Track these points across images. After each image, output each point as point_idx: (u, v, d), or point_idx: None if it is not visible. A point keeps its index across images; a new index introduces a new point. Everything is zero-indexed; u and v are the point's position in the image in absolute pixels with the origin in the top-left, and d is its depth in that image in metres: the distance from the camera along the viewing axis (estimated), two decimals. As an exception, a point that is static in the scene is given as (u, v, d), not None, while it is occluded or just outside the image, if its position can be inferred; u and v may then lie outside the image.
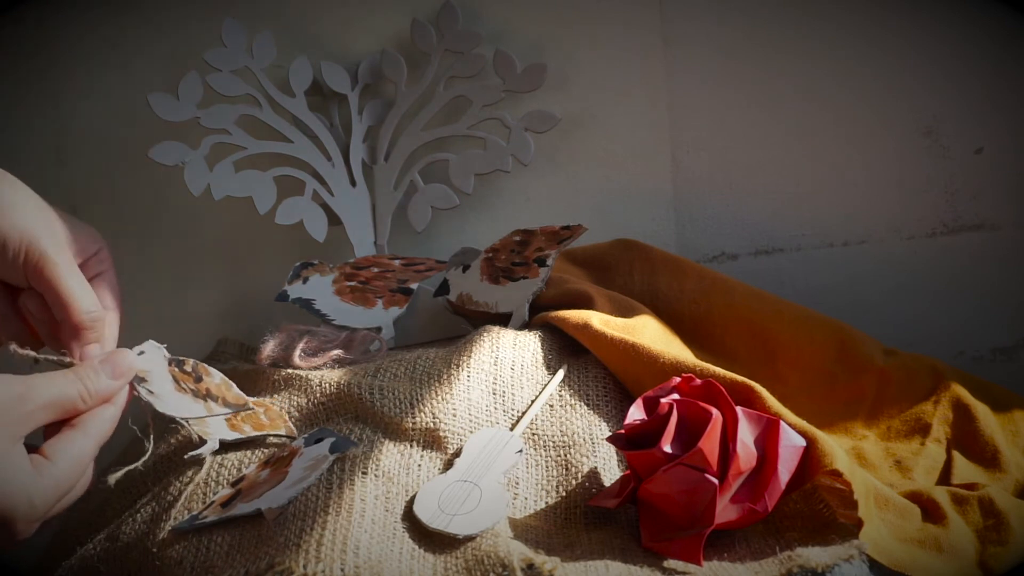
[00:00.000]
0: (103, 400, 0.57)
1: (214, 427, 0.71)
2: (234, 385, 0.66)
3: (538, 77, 1.00)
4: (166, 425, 0.68)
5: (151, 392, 0.61)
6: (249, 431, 0.71)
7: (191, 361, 0.64)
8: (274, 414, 0.73)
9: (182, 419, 0.63)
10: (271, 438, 0.71)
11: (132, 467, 0.63)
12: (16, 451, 0.51)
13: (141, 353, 0.62)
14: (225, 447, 0.70)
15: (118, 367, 0.58)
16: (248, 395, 0.78)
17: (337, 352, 0.80)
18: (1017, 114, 1.02)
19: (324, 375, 0.76)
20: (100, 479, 0.82)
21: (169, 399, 0.62)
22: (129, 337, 1.10)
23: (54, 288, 0.59)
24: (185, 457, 0.69)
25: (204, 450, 0.69)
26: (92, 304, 0.60)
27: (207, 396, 0.64)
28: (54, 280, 0.59)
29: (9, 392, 0.51)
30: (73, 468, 0.54)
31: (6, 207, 0.59)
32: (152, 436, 0.61)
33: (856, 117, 1.03)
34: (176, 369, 0.63)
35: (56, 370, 0.56)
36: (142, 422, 0.61)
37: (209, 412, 0.64)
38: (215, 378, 0.65)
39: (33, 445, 0.53)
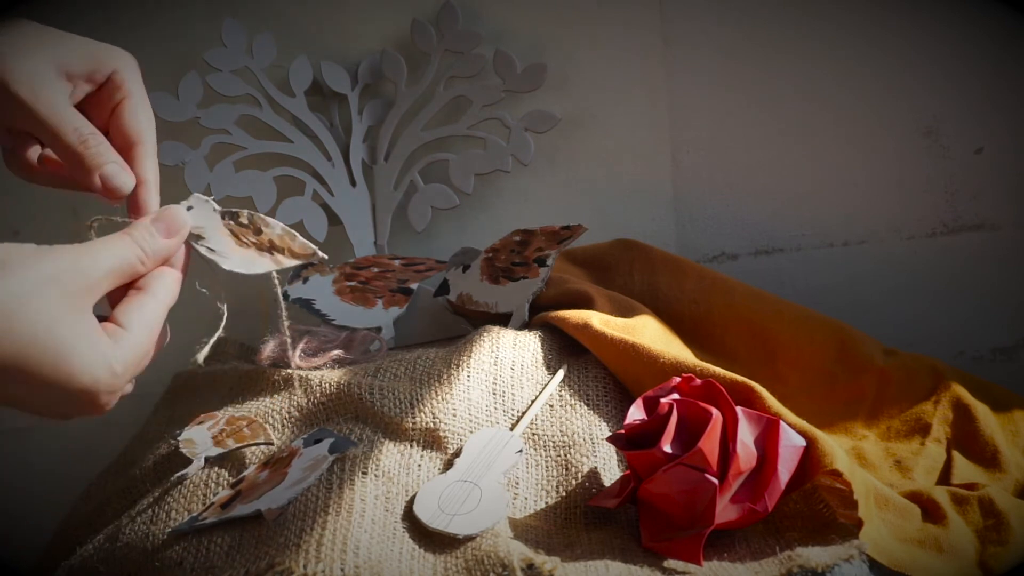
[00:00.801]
0: (162, 261, 0.54)
1: (200, 443, 0.71)
2: (298, 235, 0.60)
3: (538, 77, 1.00)
4: (235, 286, 0.60)
5: (212, 250, 0.57)
6: (232, 444, 0.71)
7: (245, 212, 0.59)
8: (256, 426, 0.73)
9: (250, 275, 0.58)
10: (251, 448, 0.71)
11: (215, 337, 0.59)
12: (88, 321, 0.49)
13: (189, 208, 0.57)
14: (211, 463, 0.70)
15: (171, 224, 0.55)
16: (248, 395, 0.78)
17: (337, 352, 0.80)
18: (1017, 114, 1.02)
19: (324, 375, 0.76)
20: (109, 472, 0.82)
21: (232, 256, 0.57)
22: (129, 337, 1.10)
23: (33, 117, 0.54)
24: (172, 478, 0.69)
25: (190, 469, 0.69)
26: (74, 133, 0.54)
27: (271, 249, 0.59)
28: (31, 107, 0.54)
29: (70, 265, 0.49)
30: (147, 331, 0.52)
31: None
32: (225, 300, 0.58)
33: (856, 117, 1.03)
34: (231, 223, 0.58)
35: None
36: (207, 284, 0.58)
37: (278, 266, 0.58)
38: (275, 229, 0.59)
39: (101, 316, 0.52)
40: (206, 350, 0.58)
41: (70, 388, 0.48)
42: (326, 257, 0.60)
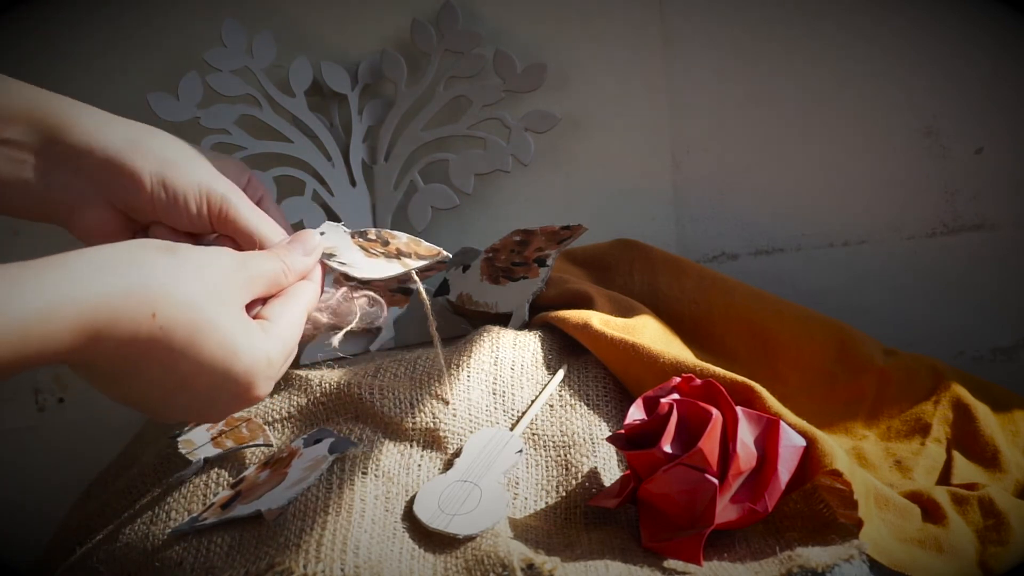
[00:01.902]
0: (300, 276, 0.59)
1: (199, 444, 0.71)
2: (423, 240, 0.65)
3: (538, 77, 1.00)
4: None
5: (343, 264, 0.62)
6: (231, 445, 0.71)
7: (373, 230, 0.64)
8: (255, 426, 0.73)
9: (380, 279, 0.63)
10: (250, 449, 0.71)
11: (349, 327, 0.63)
12: (244, 315, 0.52)
13: (322, 233, 0.63)
14: (210, 464, 0.70)
15: (306, 244, 0.60)
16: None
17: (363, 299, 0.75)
18: (1017, 114, 1.02)
19: (324, 375, 0.76)
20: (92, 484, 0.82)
21: (363, 265, 0.63)
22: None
23: (243, 229, 0.60)
24: (172, 479, 0.69)
25: (189, 470, 0.69)
26: (278, 233, 0.61)
27: (399, 255, 0.64)
28: (240, 221, 0.60)
29: (231, 261, 0.53)
30: (293, 328, 0.55)
31: (174, 161, 0.60)
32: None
33: (856, 117, 1.03)
34: (361, 240, 0.63)
35: None
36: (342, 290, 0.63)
37: (406, 268, 0.64)
38: (401, 238, 0.64)
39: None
40: (340, 335, 0.63)
41: (232, 371, 0.50)
42: (451, 256, 0.65)
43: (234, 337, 0.50)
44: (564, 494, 0.69)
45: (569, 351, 0.81)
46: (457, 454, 0.69)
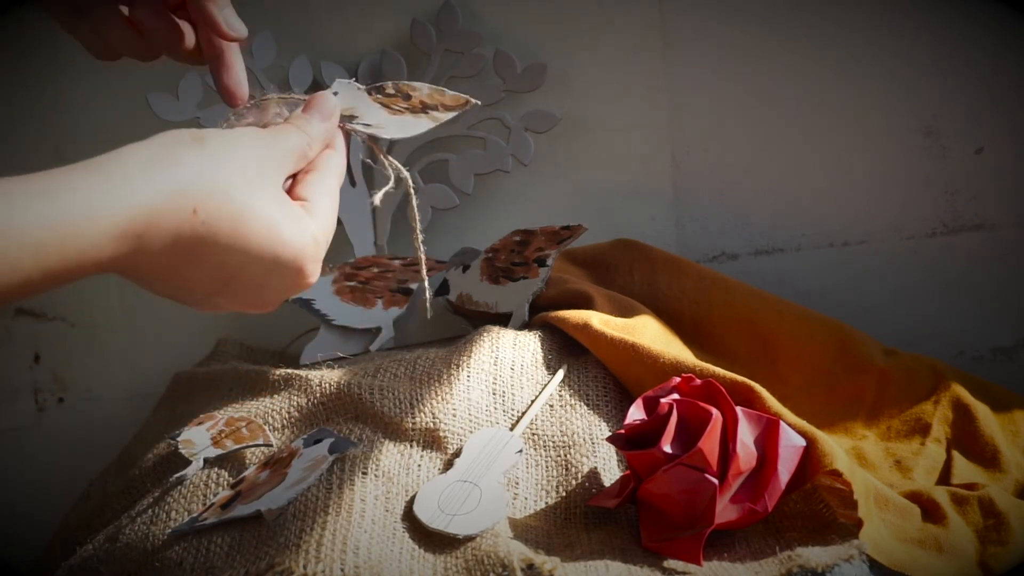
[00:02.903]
0: (324, 144, 0.55)
1: (199, 444, 0.71)
2: (446, 89, 0.59)
3: (538, 77, 1.00)
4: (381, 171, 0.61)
5: (368, 125, 0.58)
6: (231, 445, 0.71)
7: (390, 83, 0.59)
8: (255, 426, 0.73)
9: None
10: (250, 449, 0.71)
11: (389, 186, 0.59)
12: (284, 196, 0.50)
13: (335, 93, 0.58)
14: (210, 464, 0.70)
15: (323, 109, 0.55)
16: (248, 396, 0.78)
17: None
18: (1017, 114, 1.01)
19: (324, 375, 0.76)
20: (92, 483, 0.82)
21: (391, 125, 0.58)
22: (129, 337, 1.10)
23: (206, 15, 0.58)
24: (171, 479, 0.69)
25: (189, 470, 0.69)
26: (238, 26, 0.58)
27: (425, 108, 0.59)
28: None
29: (260, 143, 0.51)
30: (329, 202, 0.53)
31: None
32: (389, 164, 0.58)
33: (856, 117, 1.03)
34: (379, 96, 0.58)
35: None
36: (368, 162, 0.59)
37: (436, 122, 0.58)
38: (423, 90, 0.59)
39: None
40: (380, 194, 0.57)
41: (281, 257, 0.49)
42: (479, 103, 0.60)
43: (278, 222, 0.48)
44: (564, 494, 0.69)
45: (569, 351, 0.81)
46: (457, 454, 0.69)
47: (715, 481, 0.62)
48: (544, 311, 0.84)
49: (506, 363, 0.77)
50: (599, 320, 0.80)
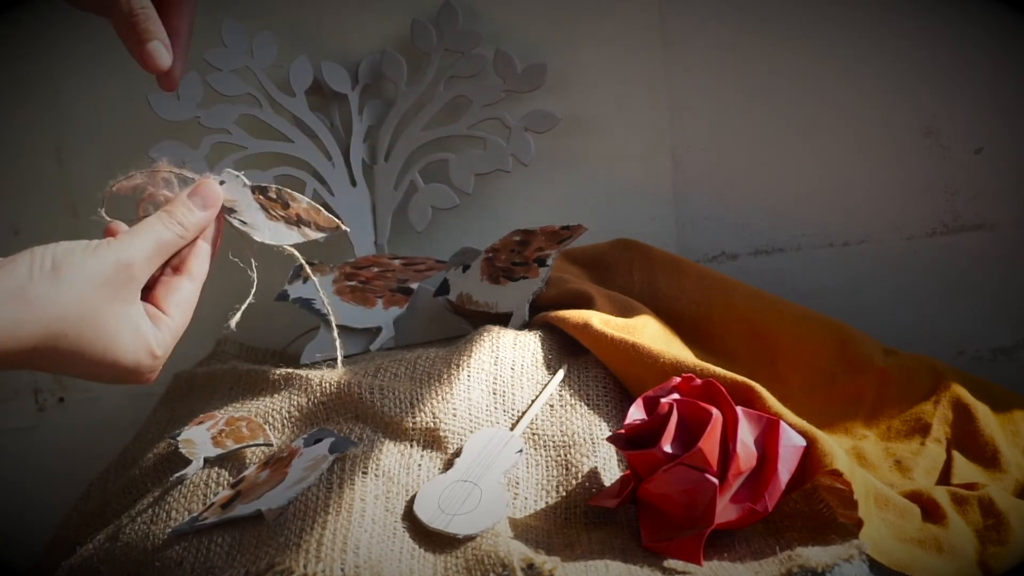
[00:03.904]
0: (199, 232, 0.60)
1: (199, 444, 0.71)
2: (323, 209, 0.64)
3: (538, 77, 1.00)
4: (265, 252, 0.65)
5: (244, 223, 0.62)
6: (231, 445, 0.71)
7: (274, 187, 0.62)
8: (255, 425, 0.73)
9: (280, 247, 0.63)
10: (250, 448, 0.71)
11: (247, 303, 0.64)
12: (133, 311, 0.56)
13: (222, 183, 0.61)
14: (210, 463, 0.70)
15: (207, 198, 0.60)
16: (248, 395, 0.78)
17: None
18: (1017, 114, 1.01)
19: (324, 375, 0.76)
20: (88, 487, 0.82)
21: (264, 228, 0.62)
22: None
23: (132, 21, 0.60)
24: (172, 479, 0.69)
25: (189, 470, 0.69)
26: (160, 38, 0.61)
27: (299, 222, 0.63)
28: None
29: (114, 262, 0.55)
30: (184, 315, 0.59)
31: None
32: (255, 268, 0.63)
33: (856, 117, 1.03)
34: (262, 197, 0.62)
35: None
36: (242, 256, 0.63)
37: (305, 238, 0.63)
38: (302, 203, 0.63)
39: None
40: (238, 316, 0.63)
41: (117, 369, 0.56)
42: (348, 229, 0.64)
43: (115, 341, 0.55)
44: (564, 494, 0.69)
45: (569, 351, 0.81)
46: (457, 454, 0.69)
47: (715, 481, 0.62)
48: (544, 311, 0.84)
49: (506, 363, 0.77)
50: (599, 320, 0.80)
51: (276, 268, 1.01)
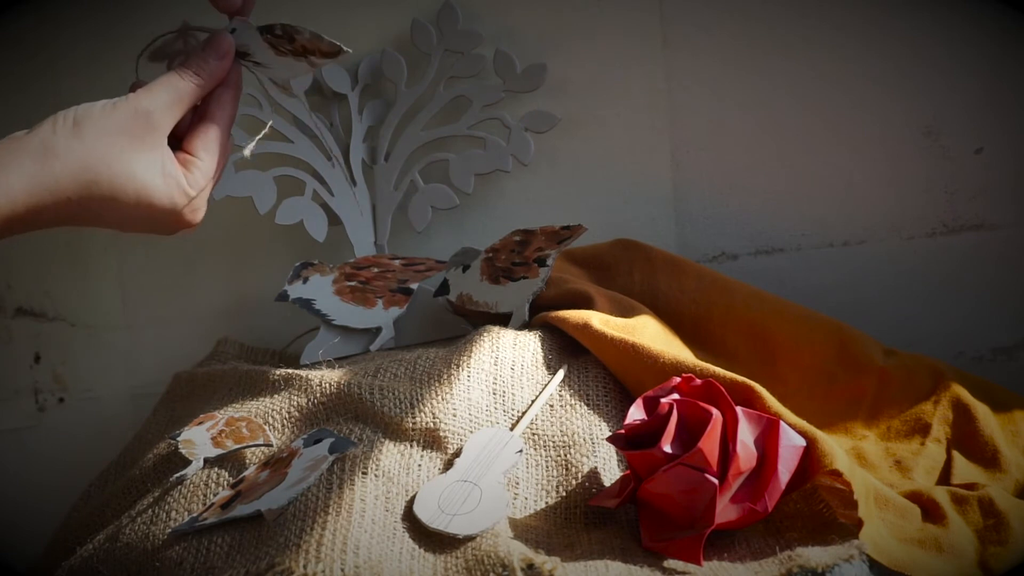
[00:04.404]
0: (218, 80, 0.64)
1: (199, 444, 0.71)
2: (323, 34, 0.67)
3: (538, 77, 1.00)
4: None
5: (257, 64, 0.66)
6: (231, 445, 0.71)
7: (278, 24, 0.66)
8: (255, 426, 0.73)
9: (281, 83, 0.69)
10: (250, 449, 0.71)
11: (262, 133, 0.68)
12: (160, 157, 0.59)
13: (233, 31, 0.66)
14: (210, 464, 0.70)
15: (219, 47, 0.64)
16: (248, 396, 0.78)
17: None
18: (1017, 114, 1.01)
19: (324, 375, 0.76)
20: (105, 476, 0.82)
21: (275, 65, 0.66)
22: (129, 337, 1.10)
23: None
24: (172, 479, 0.69)
25: (189, 470, 0.69)
26: None
27: (305, 52, 0.66)
28: None
29: (131, 113, 0.59)
30: (214, 156, 0.62)
31: None
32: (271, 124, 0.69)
33: (856, 117, 1.03)
34: (270, 36, 0.65)
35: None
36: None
37: (313, 67, 0.66)
38: (304, 34, 0.66)
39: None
40: (252, 144, 0.67)
41: (155, 212, 0.59)
42: (350, 51, 0.66)
43: (145, 184, 0.58)
44: (564, 494, 0.69)
45: (569, 351, 0.81)
46: (457, 454, 0.69)
47: (715, 481, 0.62)
48: (544, 311, 0.84)
49: (506, 363, 0.77)
50: (599, 320, 0.80)
51: (276, 268, 1.02)
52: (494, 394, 0.75)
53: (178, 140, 0.62)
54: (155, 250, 1.07)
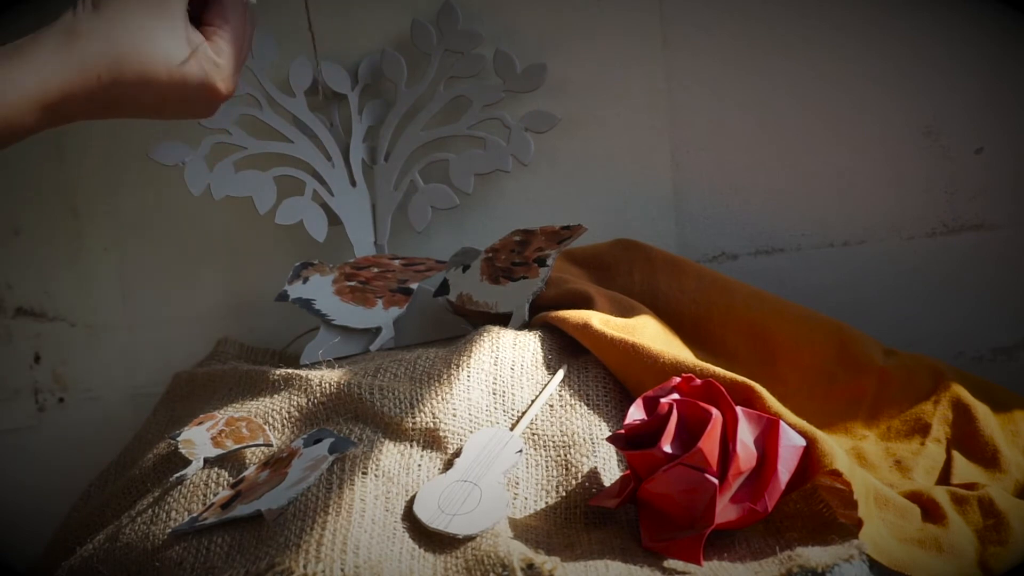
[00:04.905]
0: None
1: (199, 444, 0.71)
2: None
3: (538, 77, 1.00)
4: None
5: None
6: (231, 445, 0.71)
7: None
8: (255, 426, 0.73)
9: None
10: (250, 449, 0.71)
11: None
12: (182, 29, 0.59)
13: None
14: (210, 464, 0.70)
15: None
16: (248, 396, 0.78)
17: None
18: (1017, 114, 1.02)
19: (324, 375, 0.76)
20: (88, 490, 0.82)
21: None
22: (129, 337, 1.10)
23: None
24: (171, 479, 0.69)
25: (189, 470, 0.69)
26: None
27: None
28: None
29: None
30: (235, 24, 0.63)
31: None
32: None
33: (856, 117, 1.03)
34: None
35: None
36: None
37: None
38: None
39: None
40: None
41: (188, 86, 0.60)
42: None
43: (173, 56, 0.59)
44: (564, 494, 0.69)
45: (569, 351, 0.81)
46: (457, 454, 0.69)
47: (715, 481, 0.62)
48: (544, 311, 0.84)
49: (506, 363, 0.77)
50: (599, 320, 0.80)
51: (276, 268, 1.02)
52: (494, 394, 0.75)
53: (196, 21, 0.62)
54: (155, 250, 1.08)
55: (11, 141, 0.56)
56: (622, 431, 0.67)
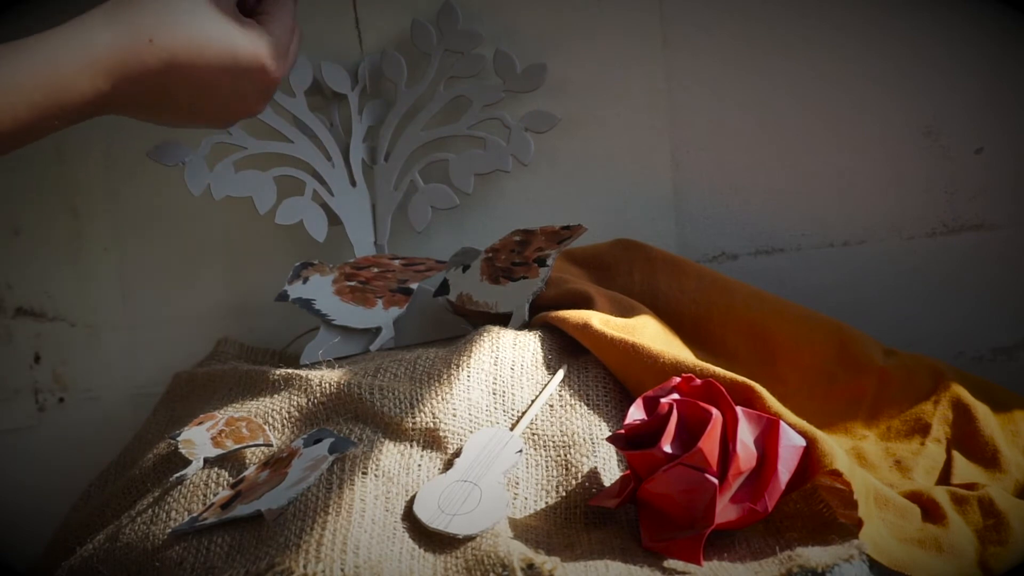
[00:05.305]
0: None
1: (199, 444, 0.71)
2: None
3: (538, 77, 1.00)
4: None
5: None
6: (231, 445, 0.71)
7: None
8: (255, 426, 0.73)
9: None
10: (250, 449, 0.71)
11: None
12: (234, 16, 0.61)
13: None
14: (210, 464, 0.70)
15: None
16: (248, 396, 0.78)
17: None
18: (1017, 114, 1.01)
19: (324, 375, 0.76)
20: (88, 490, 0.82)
21: None
22: (129, 337, 1.10)
23: None
24: (171, 479, 0.69)
25: (189, 470, 0.69)
26: None
27: None
28: None
29: None
30: (284, 12, 0.64)
31: None
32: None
33: (856, 117, 1.03)
34: None
35: None
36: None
37: None
38: None
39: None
40: None
41: (241, 59, 0.60)
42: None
43: (230, 32, 0.59)
44: (564, 494, 0.69)
45: (569, 351, 0.81)
46: (457, 454, 0.69)
47: (715, 481, 0.62)
48: (544, 311, 0.84)
49: (506, 363, 0.77)
50: (599, 320, 0.80)
51: (276, 268, 1.02)
52: (494, 394, 0.75)
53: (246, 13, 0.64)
54: (155, 250, 1.07)
55: (64, 116, 0.57)
56: (622, 431, 0.67)
